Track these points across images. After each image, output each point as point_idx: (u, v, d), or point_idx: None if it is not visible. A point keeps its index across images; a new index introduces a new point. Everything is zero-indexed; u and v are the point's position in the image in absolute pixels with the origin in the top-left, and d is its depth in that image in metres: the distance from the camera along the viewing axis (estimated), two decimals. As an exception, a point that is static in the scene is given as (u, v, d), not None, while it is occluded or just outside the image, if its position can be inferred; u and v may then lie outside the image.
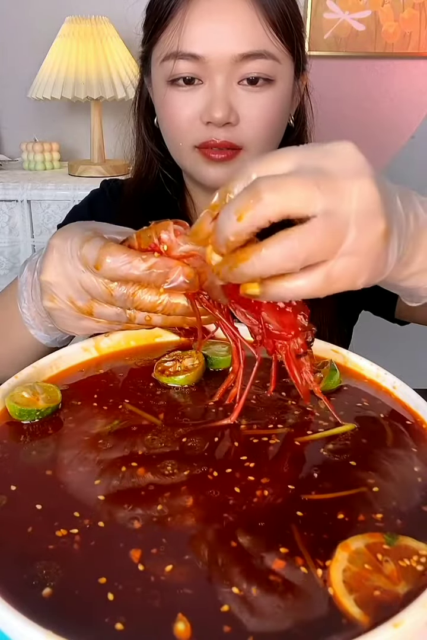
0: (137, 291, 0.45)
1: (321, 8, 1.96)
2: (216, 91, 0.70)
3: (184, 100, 0.72)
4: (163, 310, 0.45)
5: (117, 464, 0.40)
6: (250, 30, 0.69)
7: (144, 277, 0.44)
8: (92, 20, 1.73)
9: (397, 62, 2.04)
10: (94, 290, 0.46)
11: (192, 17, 0.70)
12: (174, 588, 0.31)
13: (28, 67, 1.84)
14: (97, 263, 0.44)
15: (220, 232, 0.37)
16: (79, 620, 0.29)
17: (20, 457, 0.41)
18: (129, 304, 0.45)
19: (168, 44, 0.71)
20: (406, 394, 0.48)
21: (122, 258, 0.44)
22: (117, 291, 0.45)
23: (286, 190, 0.35)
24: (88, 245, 0.46)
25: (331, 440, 0.43)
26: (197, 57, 0.69)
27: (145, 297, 0.45)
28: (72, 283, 0.48)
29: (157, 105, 0.78)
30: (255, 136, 0.72)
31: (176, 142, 0.75)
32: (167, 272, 0.43)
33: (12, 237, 1.73)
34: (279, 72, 0.72)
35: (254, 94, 0.71)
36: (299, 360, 0.43)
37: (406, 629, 0.28)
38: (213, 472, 0.39)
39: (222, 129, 0.70)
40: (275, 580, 0.31)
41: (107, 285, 0.45)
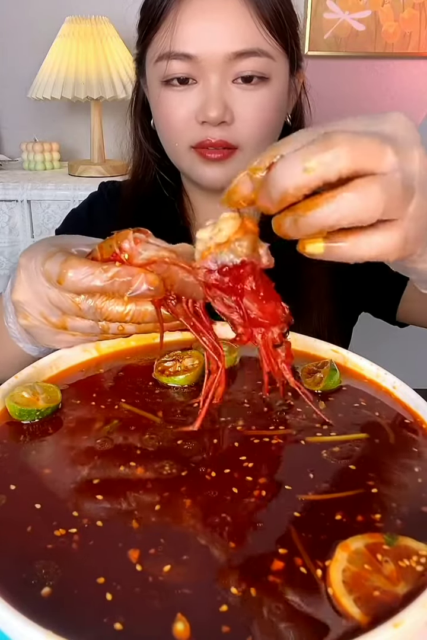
0: (104, 303, 0.44)
1: (321, 8, 1.96)
2: (211, 90, 0.70)
3: (179, 100, 0.72)
4: (132, 319, 0.45)
5: (116, 464, 0.40)
6: (243, 28, 0.69)
7: (108, 287, 0.43)
8: (92, 20, 1.73)
9: (397, 62, 2.04)
10: (63, 305, 0.46)
11: (184, 17, 0.69)
12: (172, 588, 0.30)
13: (28, 67, 1.84)
14: (60, 278, 0.44)
15: (277, 183, 0.34)
16: (78, 620, 0.29)
17: (20, 457, 0.41)
18: (98, 316, 0.45)
19: (161, 45, 0.71)
20: (406, 394, 0.48)
21: (84, 270, 0.44)
22: (84, 304, 0.45)
23: (361, 143, 0.33)
24: (50, 261, 0.46)
25: (331, 443, 0.43)
26: (190, 57, 0.69)
27: (113, 308, 0.44)
28: (42, 300, 0.48)
29: (152, 106, 0.78)
30: (251, 135, 0.72)
31: (172, 142, 0.75)
32: (130, 280, 0.43)
33: (12, 237, 1.73)
34: (273, 70, 0.72)
35: (248, 92, 0.71)
36: (275, 351, 0.43)
37: (405, 629, 0.27)
38: (211, 472, 0.39)
39: (218, 128, 0.70)
40: (274, 580, 0.31)
41: (74, 299, 0.45)
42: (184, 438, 0.43)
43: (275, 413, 0.46)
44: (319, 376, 0.50)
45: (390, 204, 0.34)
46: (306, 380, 0.50)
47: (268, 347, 0.43)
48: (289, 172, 0.34)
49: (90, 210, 0.92)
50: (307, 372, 0.51)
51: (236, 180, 0.38)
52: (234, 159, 0.72)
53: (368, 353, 0.67)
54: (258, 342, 0.43)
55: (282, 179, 0.34)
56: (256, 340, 0.43)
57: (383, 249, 0.36)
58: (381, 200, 0.34)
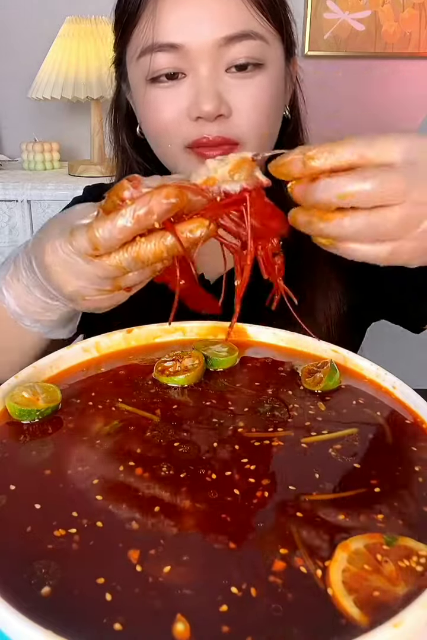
0: (139, 247, 0.45)
1: (321, 8, 1.96)
2: (202, 82, 0.63)
3: (167, 97, 0.65)
4: (167, 252, 0.45)
5: (116, 464, 0.40)
6: (233, 10, 0.63)
7: (135, 226, 0.44)
8: (92, 20, 1.73)
9: (397, 62, 2.04)
10: (109, 273, 0.47)
11: (165, 4, 0.63)
12: (172, 589, 0.30)
13: (28, 67, 1.84)
14: (94, 245, 0.45)
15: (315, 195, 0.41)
16: (77, 620, 0.29)
17: (20, 457, 0.41)
18: (139, 264, 0.46)
19: (142, 38, 0.64)
20: (406, 394, 0.48)
21: (108, 225, 0.44)
22: (124, 261, 0.46)
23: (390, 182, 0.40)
24: (75, 239, 0.46)
25: (332, 442, 0.43)
26: (176, 47, 0.63)
27: (147, 248, 0.45)
28: (92, 280, 0.48)
29: (138, 108, 0.71)
30: (251, 127, 0.66)
31: (164, 145, 0.69)
32: (149, 206, 0.43)
33: (12, 237, 1.73)
34: (268, 55, 0.66)
35: (244, 80, 0.64)
36: (273, 259, 0.49)
37: (405, 629, 0.27)
38: (211, 474, 0.39)
39: (215, 123, 0.64)
40: (274, 581, 0.31)
41: (114, 262, 0.46)
42: (184, 439, 0.43)
43: (275, 414, 0.46)
44: (319, 376, 0.50)
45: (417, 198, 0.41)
46: (306, 380, 0.50)
47: (268, 256, 0.48)
48: (327, 193, 0.41)
49: None
50: (307, 372, 0.51)
51: (290, 157, 0.42)
52: None
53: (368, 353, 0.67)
54: (259, 252, 0.48)
55: (320, 194, 0.41)
56: (258, 252, 0.48)
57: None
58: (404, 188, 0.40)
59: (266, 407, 0.47)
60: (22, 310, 0.56)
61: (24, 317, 0.57)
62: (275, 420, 0.45)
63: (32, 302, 0.55)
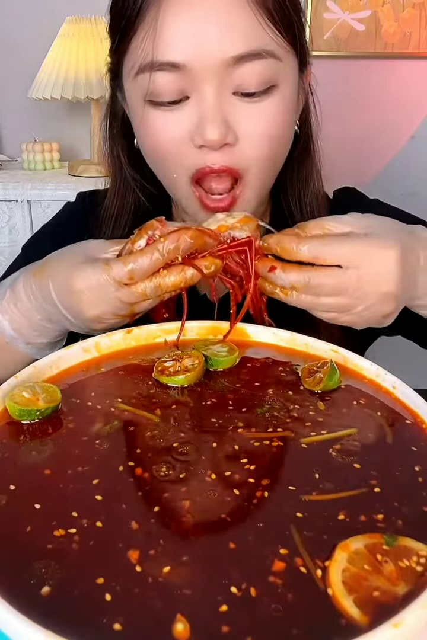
0: (162, 279, 0.54)
1: (321, 8, 1.96)
2: (207, 106, 0.57)
3: (168, 120, 0.60)
4: (185, 283, 0.54)
5: (116, 464, 0.40)
6: (243, 25, 0.56)
7: (165, 258, 0.53)
8: (92, 20, 1.73)
9: (397, 62, 2.05)
10: (132, 298, 0.55)
11: (167, 16, 0.56)
12: (172, 589, 0.30)
13: (28, 67, 1.84)
14: (129, 276, 0.53)
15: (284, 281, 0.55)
16: (77, 620, 0.29)
17: (20, 457, 0.41)
18: (159, 292, 0.55)
19: (141, 53, 0.58)
20: (406, 394, 0.48)
21: (143, 259, 0.53)
22: (148, 289, 0.54)
23: None
24: (112, 269, 0.53)
25: (332, 442, 0.43)
26: (178, 66, 0.56)
27: (169, 280, 0.54)
28: (113, 304, 0.55)
29: (135, 127, 0.66)
30: (257, 157, 0.61)
31: (167, 173, 0.65)
32: (177, 243, 0.53)
33: (12, 237, 1.73)
34: (281, 73, 0.59)
35: (254, 104, 0.59)
36: (261, 297, 0.59)
37: (405, 629, 0.27)
38: (211, 474, 0.39)
39: (219, 152, 0.59)
40: (274, 581, 0.31)
41: (139, 289, 0.54)
42: (183, 440, 0.43)
43: (275, 414, 0.46)
44: (319, 376, 0.50)
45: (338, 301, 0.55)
46: (306, 380, 0.50)
47: (256, 294, 0.58)
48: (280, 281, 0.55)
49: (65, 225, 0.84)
50: (307, 372, 0.51)
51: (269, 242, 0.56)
52: (238, 205, 0.63)
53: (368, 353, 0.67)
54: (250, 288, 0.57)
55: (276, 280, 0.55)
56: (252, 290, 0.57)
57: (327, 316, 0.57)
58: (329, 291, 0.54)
59: (265, 407, 0.47)
60: (17, 333, 0.61)
61: (18, 339, 0.61)
62: (275, 420, 0.45)
63: (26, 326, 0.60)
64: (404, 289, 0.55)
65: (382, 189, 1.05)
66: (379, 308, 0.55)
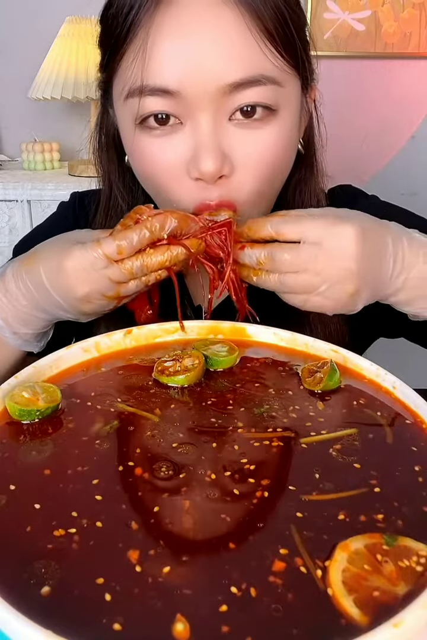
0: (148, 258, 0.55)
1: (321, 8, 1.96)
2: (202, 136, 0.54)
3: (161, 148, 0.57)
4: (170, 261, 0.56)
5: (115, 464, 0.40)
6: (240, 48, 0.52)
7: (152, 235, 0.54)
8: (92, 20, 1.73)
9: (397, 62, 2.04)
10: (120, 275, 0.55)
11: (158, 37, 0.52)
12: (172, 589, 0.30)
13: (28, 67, 1.84)
14: (119, 250, 0.54)
15: None
16: (77, 620, 0.29)
17: (20, 457, 0.41)
18: (145, 271, 0.56)
19: (130, 76, 0.54)
20: (406, 394, 0.48)
21: (132, 235, 0.54)
22: (135, 267, 0.55)
23: None
24: (102, 245, 0.54)
25: (332, 442, 0.43)
26: (171, 92, 0.53)
27: (155, 259, 0.55)
28: (102, 282, 0.55)
29: (127, 150, 0.63)
30: (253, 188, 0.59)
31: (160, 201, 0.62)
32: (162, 222, 0.55)
33: (12, 237, 1.73)
34: (282, 98, 0.56)
35: (251, 131, 0.56)
36: (242, 283, 0.60)
37: (405, 629, 0.27)
38: (211, 474, 0.39)
39: (215, 185, 0.56)
40: (274, 581, 0.31)
41: (126, 266, 0.55)
42: (183, 440, 0.43)
43: (275, 414, 0.46)
44: (319, 376, 0.50)
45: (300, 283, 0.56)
46: (306, 380, 0.50)
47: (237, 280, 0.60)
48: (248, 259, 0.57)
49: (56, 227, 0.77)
50: (307, 372, 0.51)
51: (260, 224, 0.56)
52: None
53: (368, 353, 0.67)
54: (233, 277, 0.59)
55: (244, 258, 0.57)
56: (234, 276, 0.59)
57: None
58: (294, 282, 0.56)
59: (265, 407, 0.47)
60: (4, 322, 0.61)
61: (5, 329, 0.61)
62: (275, 420, 0.45)
63: (13, 315, 0.60)
64: (367, 269, 0.54)
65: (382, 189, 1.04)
66: (341, 287, 0.54)
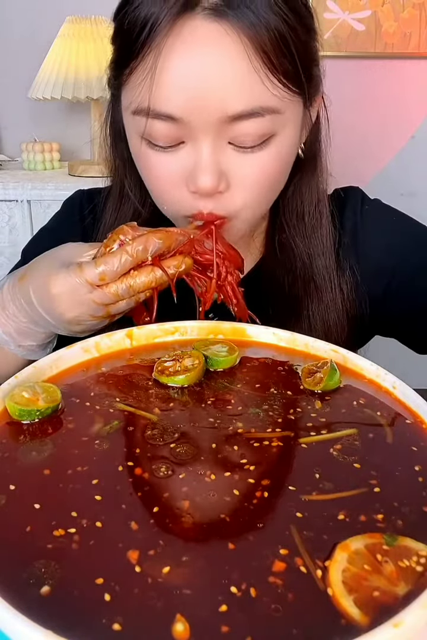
0: (133, 279, 0.57)
1: (321, 8, 1.96)
2: (202, 156, 0.58)
3: (164, 162, 0.61)
4: (155, 282, 0.57)
5: (115, 464, 0.40)
6: (242, 82, 0.55)
7: (135, 259, 0.56)
8: (92, 20, 1.73)
9: (397, 62, 2.05)
10: (105, 299, 0.57)
11: (166, 64, 0.55)
12: (172, 589, 0.30)
13: (28, 67, 1.84)
14: (101, 277, 0.56)
15: None
16: (76, 620, 0.29)
17: (20, 457, 0.41)
18: (132, 292, 0.57)
19: (138, 94, 0.58)
20: (406, 394, 0.48)
21: (112, 260, 0.56)
22: (120, 290, 0.57)
23: None
24: (87, 271, 0.56)
25: (332, 442, 0.43)
26: (175, 119, 0.57)
27: (140, 280, 0.57)
28: (89, 305, 0.58)
29: (132, 154, 0.67)
30: (248, 202, 0.62)
31: (160, 205, 0.67)
32: (145, 245, 0.56)
33: (12, 237, 1.73)
34: (281, 124, 0.59)
35: (248, 155, 0.59)
36: (237, 289, 0.62)
37: (405, 629, 0.27)
38: (211, 474, 0.39)
39: (210, 198, 0.61)
40: (274, 581, 0.31)
41: (111, 291, 0.57)
42: (183, 440, 0.43)
43: (275, 414, 0.46)
44: (319, 376, 0.50)
45: None
46: (306, 380, 0.50)
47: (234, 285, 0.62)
48: None
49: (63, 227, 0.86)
50: (307, 372, 0.51)
51: None
52: (230, 233, 0.64)
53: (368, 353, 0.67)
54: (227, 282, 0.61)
55: None
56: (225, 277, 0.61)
57: None
58: None
59: (265, 407, 0.47)
60: (7, 336, 0.63)
61: (9, 342, 0.63)
62: (275, 420, 0.45)
63: (14, 329, 0.62)
64: None
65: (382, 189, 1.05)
66: None
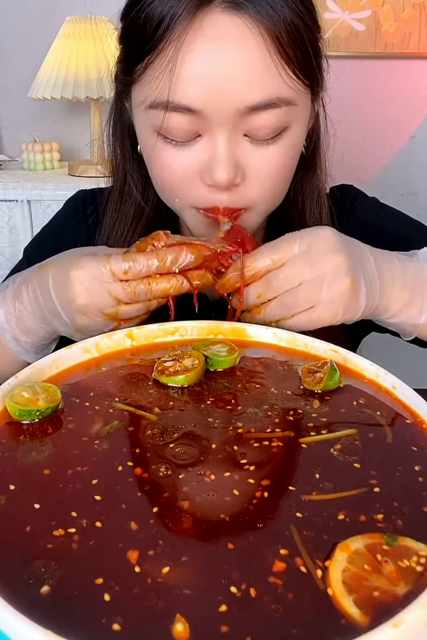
0: (153, 283, 0.57)
1: (321, 8, 1.93)
2: (218, 149, 0.59)
3: (179, 156, 0.61)
4: (175, 291, 0.57)
5: (115, 465, 0.40)
6: (260, 74, 0.56)
7: (162, 266, 0.56)
8: (92, 20, 1.73)
9: (397, 62, 2.05)
10: (122, 294, 0.57)
11: (187, 57, 0.55)
12: (171, 589, 0.30)
13: (28, 67, 1.84)
14: (125, 271, 0.56)
15: None
16: (76, 620, 0.29)
17: (20, 457, 0.41)
18: (149, 295, 0.57)
19: (155, 88, 0.57)
20: (406, 394, 0.48)
21: (141, 259, 0.56)
22: (138, 289, 0.57)
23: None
24: (111, 262, 0.56)
25: (332, 442, 0.43)
26: (194, 111, 0.57)
27: (160, 286, 0.57)
28: (102, 296, 0.57)
29: (145, 152, 0.66)
30: (263, 195, 0.64)
31: (171, 199, 0.67)
32: (176, 256, 0.56)
33: (12, 237, 1.73)
34: (294, 116, 0.60)
35: (264, 147, 0.60)
36: None
37: (405, 629, 0.27)
38: (211, 474, 0.39)
39: (227, 191, 0.61)
40: (274, 581, 0.31)
41: (129, 287, 0.56)
42: (183, 440, 0.43)
43: (275, 414, 0.46)
44: (319, 376, 0.50)
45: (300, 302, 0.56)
46: (306, 380, 0.50)
47: None
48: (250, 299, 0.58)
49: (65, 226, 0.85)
50: (307, 372, 0.51)
51: (228, 276, 0.58)
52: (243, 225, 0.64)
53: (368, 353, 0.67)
54: None
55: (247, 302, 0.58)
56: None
57: (297, 328, 0.57)
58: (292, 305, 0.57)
59: (265, 407, 0.47)
60: (8, 324, 0.63)
61: (7, 332, 0.63)
62: (274, 420, 0.45)
63: (17, 317, 0.62)
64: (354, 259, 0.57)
65: (382, 189, 1.05)
66: (339, 280, 0.56)
